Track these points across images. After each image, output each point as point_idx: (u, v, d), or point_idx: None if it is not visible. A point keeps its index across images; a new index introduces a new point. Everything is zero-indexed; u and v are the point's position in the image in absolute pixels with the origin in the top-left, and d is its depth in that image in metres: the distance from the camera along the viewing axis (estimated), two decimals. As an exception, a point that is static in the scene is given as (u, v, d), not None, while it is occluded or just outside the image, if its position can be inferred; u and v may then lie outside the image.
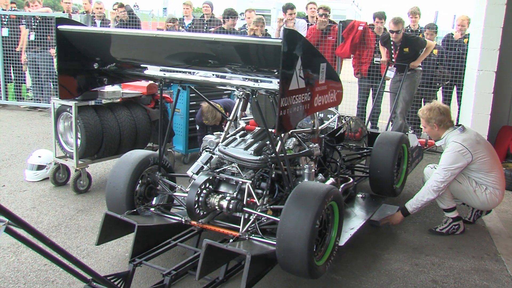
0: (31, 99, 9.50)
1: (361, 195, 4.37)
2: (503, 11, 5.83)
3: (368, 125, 6.91)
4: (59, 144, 5.01)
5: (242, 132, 3.88)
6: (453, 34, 7.96)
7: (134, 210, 3.47)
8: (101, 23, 9.28)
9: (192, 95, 5.87)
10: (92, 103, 4.88)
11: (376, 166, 4.41)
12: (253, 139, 3.62)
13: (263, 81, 3.00)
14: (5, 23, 9.20)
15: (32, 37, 8.90)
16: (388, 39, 6.92)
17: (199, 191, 3.29)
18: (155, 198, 3.81)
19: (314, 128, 4.03)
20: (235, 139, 3.69)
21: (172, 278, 2.95)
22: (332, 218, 3.19)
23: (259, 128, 3.83)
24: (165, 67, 3.36)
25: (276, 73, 2.82)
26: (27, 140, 7.02)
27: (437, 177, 4.06)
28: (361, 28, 7.61)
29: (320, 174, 3.82)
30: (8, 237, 3.77)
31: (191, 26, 9.12)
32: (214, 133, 3.93)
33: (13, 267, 3.39)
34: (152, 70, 3.42)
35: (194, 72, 3.37)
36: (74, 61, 3.30)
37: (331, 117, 4.77)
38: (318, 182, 3.60)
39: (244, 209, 3.28)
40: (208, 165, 3.60)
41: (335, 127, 4.59)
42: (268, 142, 3.49)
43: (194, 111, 5.93)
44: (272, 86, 2.88)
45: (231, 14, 8.22)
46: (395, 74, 6.97)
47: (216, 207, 3.33)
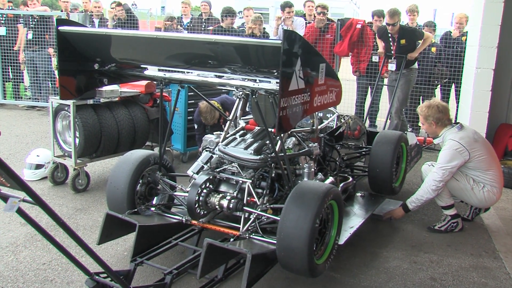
0: (29, 98, 9.48)
1: (360, 194, 4.39)
2: (501, 8, 5.84)
3: (366, 123, 6.93)
4: (57, 143, 5.02)
5: (242, 131, 3.89)
6: (451, 32, 7.98)
7: (135, 210, 3.49)
8: (99, 21, 9.26)
9: (191, 93, 5.87)
10: (91, 102, 4.89)
11: (375, 165, 4.43)
12: (253, 139, 3.63)
13: (262, 81, 3.01)
14: (2, 22, 9.18)
15: (30, 36, 8.88)
16: (384, 32, 6.88)
17: (199, 190, 3.30)
18: (155, 198, 3.83)
19: (314, 127, 4.05)
20: (235, 138, 3.71)
21: (173, 277, 2.97)
22: (331, 217, 3.21)
23: (259, 128, 3.84)
24: (164, 67, 3.37)
25: (276, 74, 2.84)
26: (26, 139, 7.01)
27: (434, 176, 4.08)
28: (359, 26, 7.61)
29: (320, 173, 3.84)
30: (7, 236, 3.82)
31: (189, 25, 9.11)
32: (214, 132, 3.94)
33: (11, 266, 3.40)
34: (152, 71, 3.43)
35: (193, 72, 3.37)
36: (74, 61, 3.31)
37: (330, 116, 4.79)
38: (317, 181, 3.62)
39: (244, 208, 3.30)
40: (208, 164, 3.62)
41: (334, 126, 4.61)
42: (268, 142, 3.51)
43: (193, 109, 5.94)
44: (271, 86, 2.90)
45: (229, 12, 8.22)
46: (393, 70, 6.96)
47: (217, 207, 3.35)
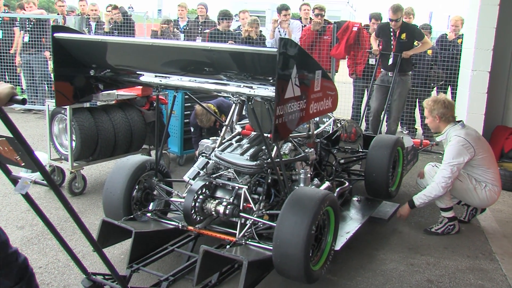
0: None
1: (356, 198, 4.39)
2: (496, 11, 5.87)
3: (362, 125, 6.92)
4: (54, 146, 5.02)
5: (238, 137, 3.90)
6: (447, 35, 8.00)
7: (131, 216, 3.49)
8: (96, 25, 9.25)
9: (187, 96, 5.87)
10: (87, 105, 4.88)
11: (371, 169, 4.44)
12: (249, 144, 3.64)
13: (258, 87, 3.02)
14: (-2, 25, 9.17)
15: (27, 39, 8.86)
16: (385, 28, 6.81)
17: (195, 196, 3.31)
18: (151, 203, 3.82)
19: (310, 132, 4.06)
20: (231, 144, 3.71)
21: (169, 283, 2.98)
22: (328, 223, 3.22)
23: (255, 133, 3.85)
24: (160, 74, 3.37)
25: (272, 81, 2.84)
26: (22, 142, 6.99)
27: (444, 173, 4.08)
28: (355, 29, 7.62)
29: (316, 179, 3.85)
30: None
31: (186, 28, 9.11)
32: (210, 138, 3.95)
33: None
34: (148, 77, 3.43)
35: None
36: (70, 67, 3.30)
37: (326, 121, 4.80)
38: (313, 187, 3.63)
39: (240, 214, 3.30)
40: (204, 170, 3.62)
41: (330, 131, 4.62)
42: (264, 147, 3.51)
43: (189, 112, 5.94)
44: (267, 93, 2.90)
45: (226, 15, 8.22)
46: (386, 74, 6.91)
47: (213, 213, 3.35)
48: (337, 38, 7.84)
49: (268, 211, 3.36)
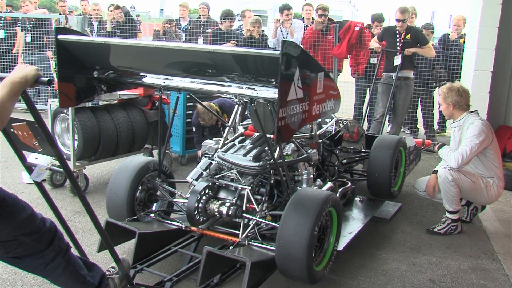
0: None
1: (359, 199, 4.40)
2: (499, 11, 5.86)
3: (364, 125, 6.92)
4: (56, 145, 5.03)
5: (240, 138, 3.91)
6: (449, 34, 7.99)
7: (135, 217, 3.50)
8: (98, 24, 9.26)
9: (189, 96, 5.88)
10: (89, 104, 4.90)
11: (374, 170, 4.45)
12: (251, 145, 3.65)
13: (261, 89, 3.03)
14: (0, 25, 9.17)
15: (29, 38, 8.87)
16: (391, 29, 6.81)
17: (199, 197, 3.32)
18: (155, 204, 3.84)
19: (312, 133, 4.07)
20: (234, 145, 3.72)
21: (173, 284, 2.99)
22: (330, 224, 3.23)
23: (258, 134, 3.85)
24: (163, 75, 3.39)
25: (274, 83, 2.85)
26: (25, 142, 7.03)
27: (463, 148, 4.08)
28: (357, 28, 7.60)
29: (319, 180, 3.86)
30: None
31: (187, 28, 9.11)
32: (213, 138, 3.96)
33: (10, 269, 3.38)
34: (151, 78, 3.44)
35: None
36: (74, 69, 3.31)
37: (329, 121, 4.81)
38: (316, 188, 3.64)
39: (243, 215, 3.32)
40: (207, 171, 3.63)
41: (333, 132, 4.63)
42: (266, 148, 3.53)
43: (191, 112, 5.95)
44: (270, 95, 2.91)
45: (228, 15, 8.22)
46: (390, 77, 6.89)
47: (216, 213, 3.36)
48: (339, 37, 7.84)
49: (271, 212, 3.37)
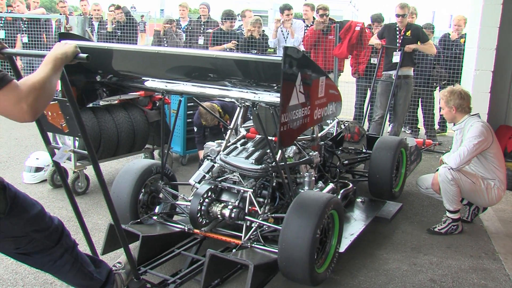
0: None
1: (360, 200, 4.41)
2: (499, 10, 5.86)
3: (365, 125, 6.93)
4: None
5: (242, 140, 3.93)
6: (449, 34, 7.99)
7: (139, 220, 3.53)
8: (99, 25, 9.27)
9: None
10: (90, 105, 4.91)
11: (375, 171, 4.48)
12: (253, 148, 3.67)
13: (262, 93, 3.04)
14: (1, 25, 9.17)
15: (25, 39, 8.83)
16: (391, 26, 6.83)
17: (201, 200, 3.34)
18: (158, 207, 3.86)
19: (314, 135, 4.09)
20: (236, 147, 3.74)
21: (177, 285, 3.02)
22: (332, 226, 3.26)
23: (260, 136, 3.88)
24: (165, 80, 3.41)
25: (276, 88, 2.87)
26: (25, 142, 7.03)
27: (463, 149, 4.10)
28: (358, 28, 7.61)
29: (320, 182, 3.88)
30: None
31: (187, 28, 9.11)
32: (215, 140, 3.98)
33: (11, 269, 3.41)
34: (153, 82, 3.46)
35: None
36: (76, 73, 3.34)
37: (330, 123, 4.83)
38: (318, 191, 3.66)
39: (246, 217, 3.34)
40: (210, 174, 3.66)
41: (334, 133, 4.65)
42: (268, 151, 3.55)
43: (192, 112, 5.96)
44: (272, 99, 2.93)
45: (229, 15, 8.23)
46: (390, 76, 6.91)
47: (219, 216, 3.39)
48: (339, 37, 7.84)
49: (273, 214, 3.39)
